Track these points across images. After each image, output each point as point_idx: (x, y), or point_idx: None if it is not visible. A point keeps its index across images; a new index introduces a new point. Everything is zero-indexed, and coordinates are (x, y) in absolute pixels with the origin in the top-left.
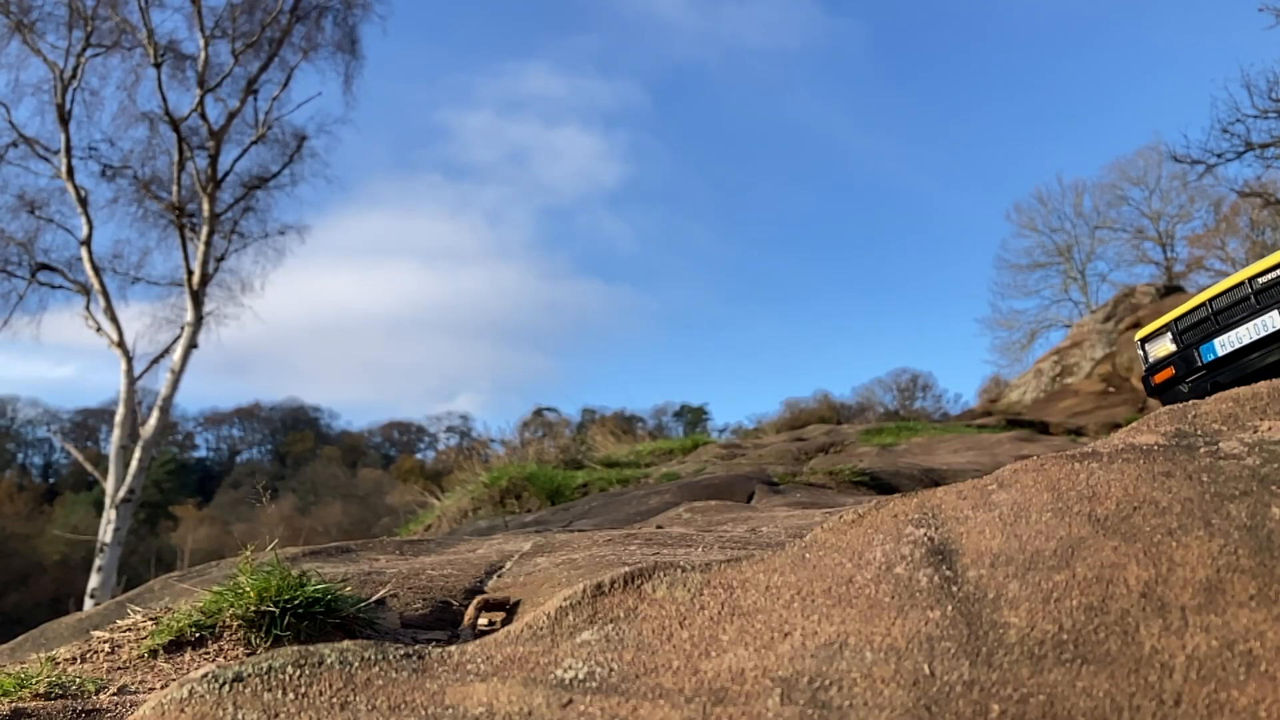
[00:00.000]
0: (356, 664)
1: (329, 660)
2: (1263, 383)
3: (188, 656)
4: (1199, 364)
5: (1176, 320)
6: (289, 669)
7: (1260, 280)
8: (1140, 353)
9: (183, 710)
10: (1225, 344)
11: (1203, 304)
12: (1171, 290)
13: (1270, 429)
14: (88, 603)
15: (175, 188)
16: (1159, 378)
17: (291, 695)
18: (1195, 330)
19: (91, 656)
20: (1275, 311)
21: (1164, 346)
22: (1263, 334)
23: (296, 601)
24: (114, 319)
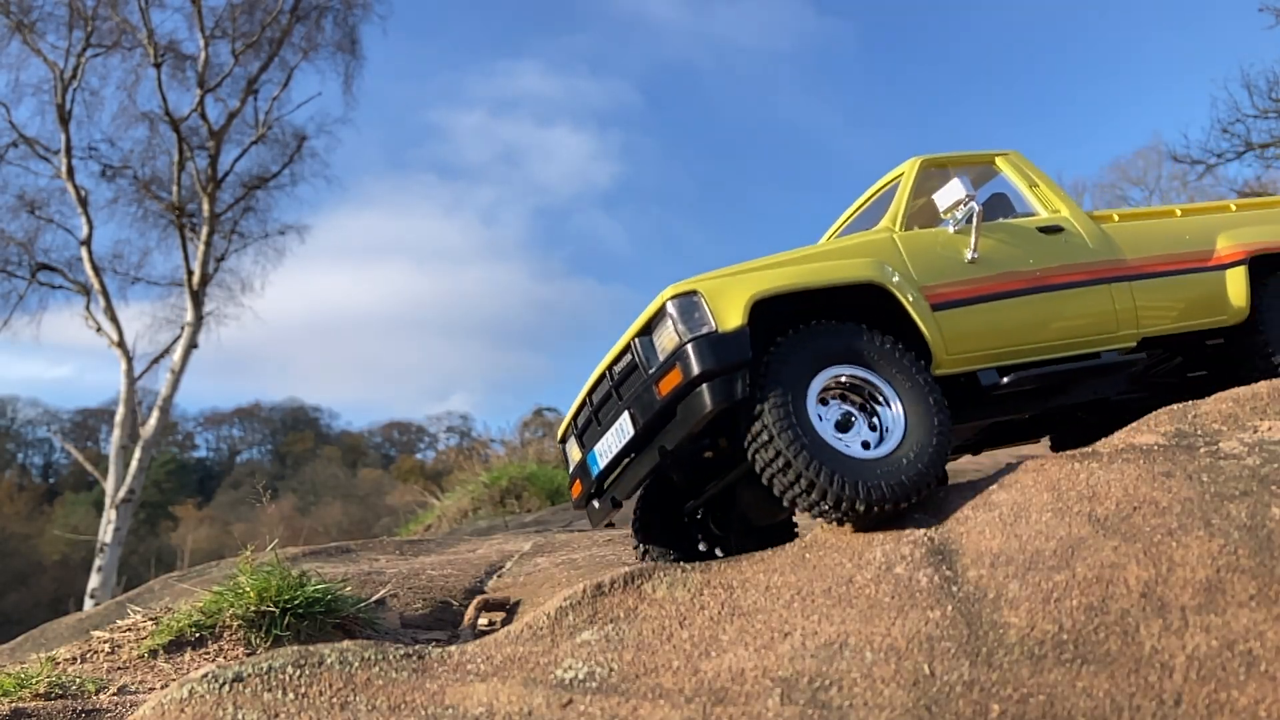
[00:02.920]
0: (356, 664)
1: (329, 660)
2: (1263, 383)
3: (188, 656)
4: (593, 477)
5: (575, 417)
6: (289, 669)
7: (615, 369)
8: (564, 459)
9: (183, 710)
10: (604, 453)
11: (585, 397)
12: None
13: (1270, 429)
14: (88, 603)
15: (175, 188)
16: (573, 492)
17: (291, 695)
18: (588, 432)
19: (91, 656)
20: (627, 415)
21: (574, 450)
22: (621, 444)
23: (296, 602)
24: (114, 319)
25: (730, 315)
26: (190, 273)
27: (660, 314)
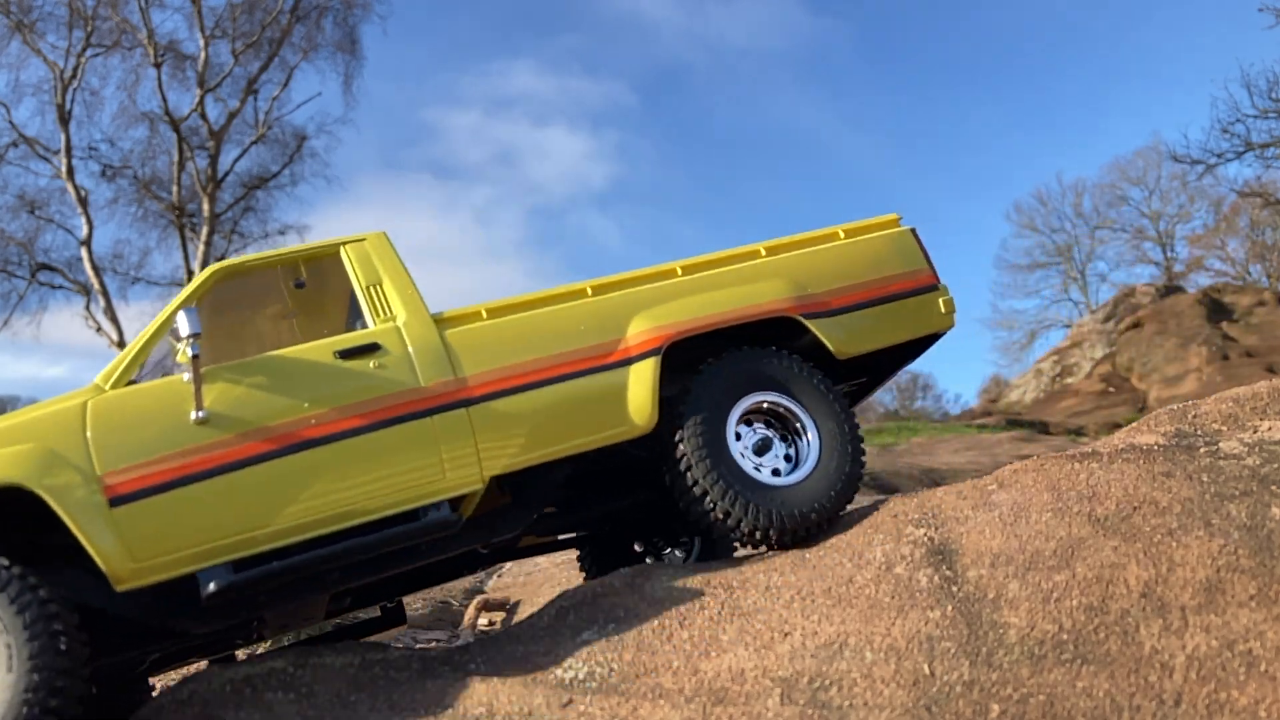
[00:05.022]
0: (356, 664)
1: (329, 660)
2: (1262, 383)
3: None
4: None
5: None
6: (289, 669)
7: None
8: None
9: (183, 710)
10: None
11: None
12: (1171, 290)
13: (1270, 429)
14: None
15: (175, 188)
16: None
17: (292, 695)
18: None
19: None
20: None
21: None
22: None
23: None
24: (114, 319)
25: None
26: (190, 273)
27: None
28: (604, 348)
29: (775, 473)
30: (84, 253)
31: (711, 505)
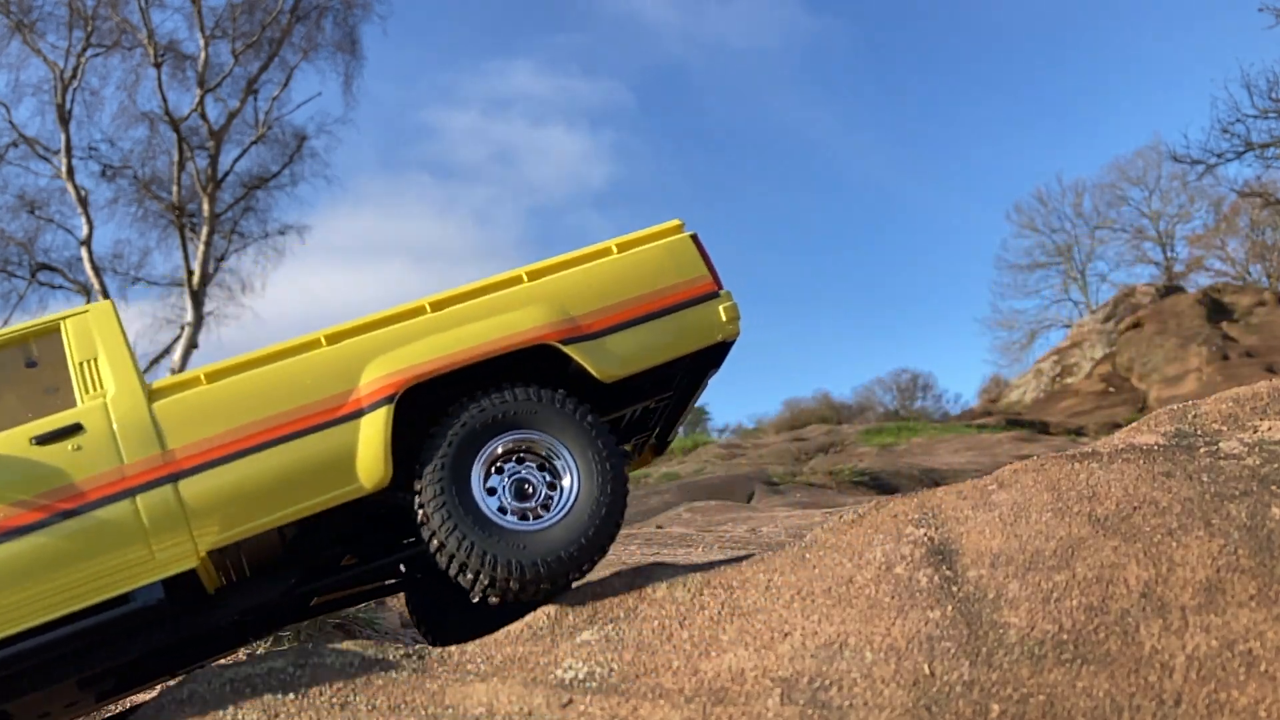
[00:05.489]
0: (356, 664)
1: (329, 660)
2: (1262, 383)
3: None
4: None
5: None
6: (289, 669)
7: None
8: None
9: (183, 710)
10: None
11: None
12: (1171, 290)
13: (1270, 429)
14: None
15: (175, 188)
16: None
17: (291, 695)
18: None
19: None
20: None
21: None
22: None
23: None
24: None
25: None
26: (190, 273)
27: None
28: (332, 401)
29: (525, 517)
30: (84, 253)
31: (448, 558)
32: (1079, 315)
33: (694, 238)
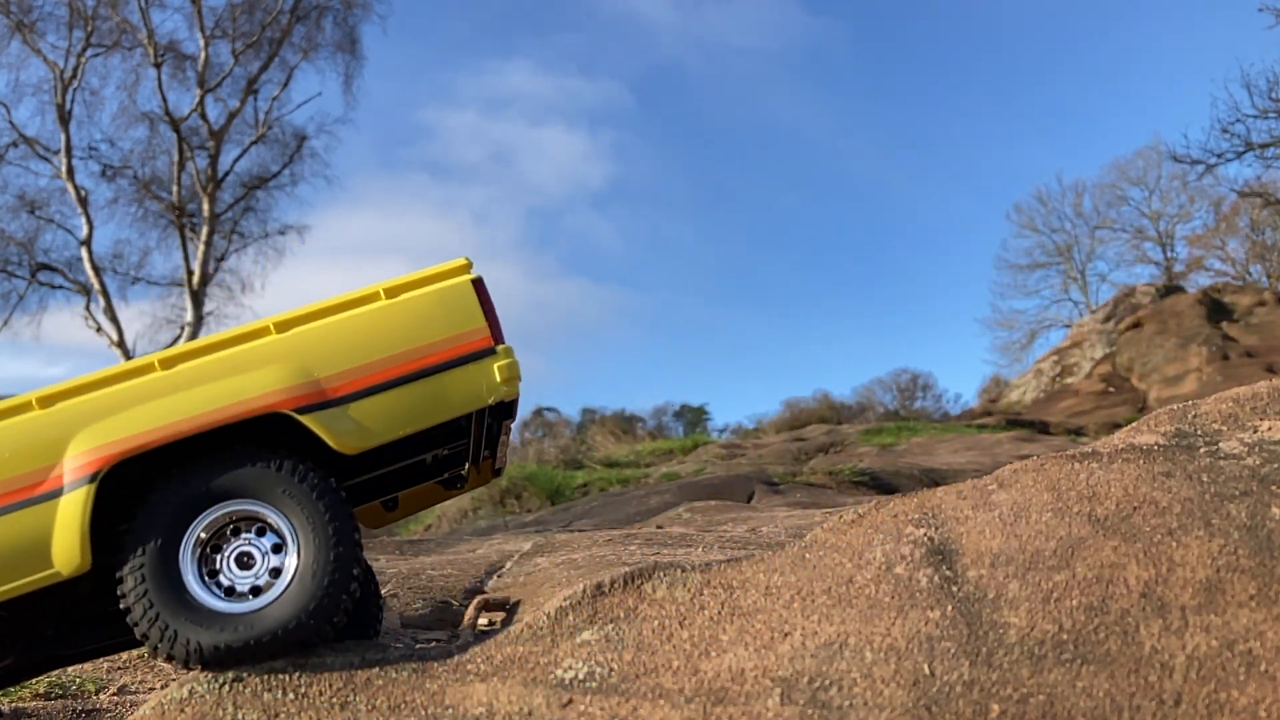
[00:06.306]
0: (356, 664)
1: (329, 660)
2: (1262, 383)
3: None
4: None
5: None
6: (289, 668)
7: None
8: None
9: (183, 710)
10: None
11: None
12: (1171, 290)
13: (1270, 429)
14: None
15: (175, 188)
16: None
17: (291, 695)
18: None
19: None
20: None
21: None
22: None
23: None
24: (114, 319)
25: None
26: (190, 273)
27: None
28: (30, 478)
29: (255, 592)
30: (84, 253)
31: (146, 640)
32: (1079, 315)
33: (476, 282)
